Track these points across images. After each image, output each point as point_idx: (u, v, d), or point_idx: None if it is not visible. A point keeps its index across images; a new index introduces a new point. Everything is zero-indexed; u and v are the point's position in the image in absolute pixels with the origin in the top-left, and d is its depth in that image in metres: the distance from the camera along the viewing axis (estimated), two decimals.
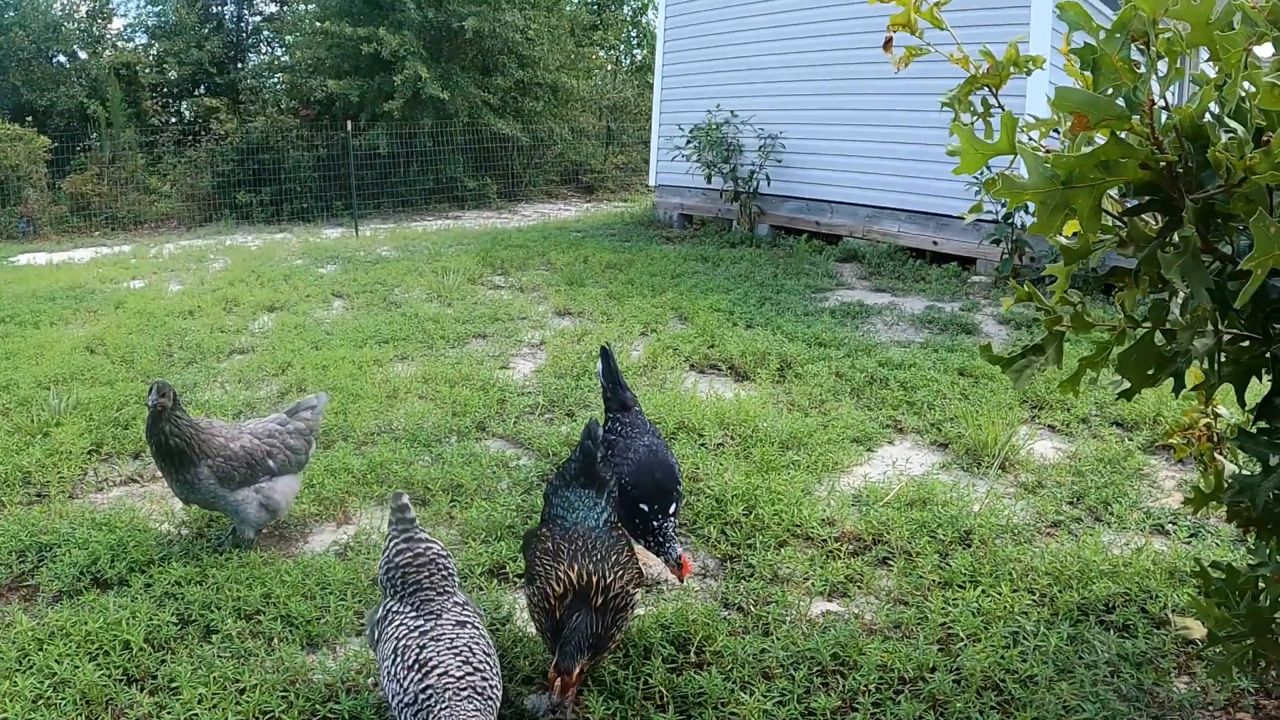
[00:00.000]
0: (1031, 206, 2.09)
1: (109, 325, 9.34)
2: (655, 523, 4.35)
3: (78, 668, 3.74)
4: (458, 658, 3.08)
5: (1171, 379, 2.46)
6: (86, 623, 4.02)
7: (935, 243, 12.20)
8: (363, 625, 4.16)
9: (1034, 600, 4.28)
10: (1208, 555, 4.57)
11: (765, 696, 3.65)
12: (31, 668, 3.78)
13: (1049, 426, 6.52)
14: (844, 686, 3.75)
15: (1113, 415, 6.57)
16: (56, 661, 3.79)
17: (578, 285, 10.97)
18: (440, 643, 3.14)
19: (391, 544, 3.54)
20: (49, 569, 4.57)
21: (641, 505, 4.36)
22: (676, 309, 9.72)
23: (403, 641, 3.16)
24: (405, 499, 3.65)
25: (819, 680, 3.80)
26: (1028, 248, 10.34)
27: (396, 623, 3.27)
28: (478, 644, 3.19)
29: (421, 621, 3.24)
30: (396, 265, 12.33)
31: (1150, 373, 2.43)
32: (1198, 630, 3.96)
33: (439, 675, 3.01)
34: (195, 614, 4.19)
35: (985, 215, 10.09)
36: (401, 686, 3.03)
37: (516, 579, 4.60)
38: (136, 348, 8.42)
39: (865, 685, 3.73)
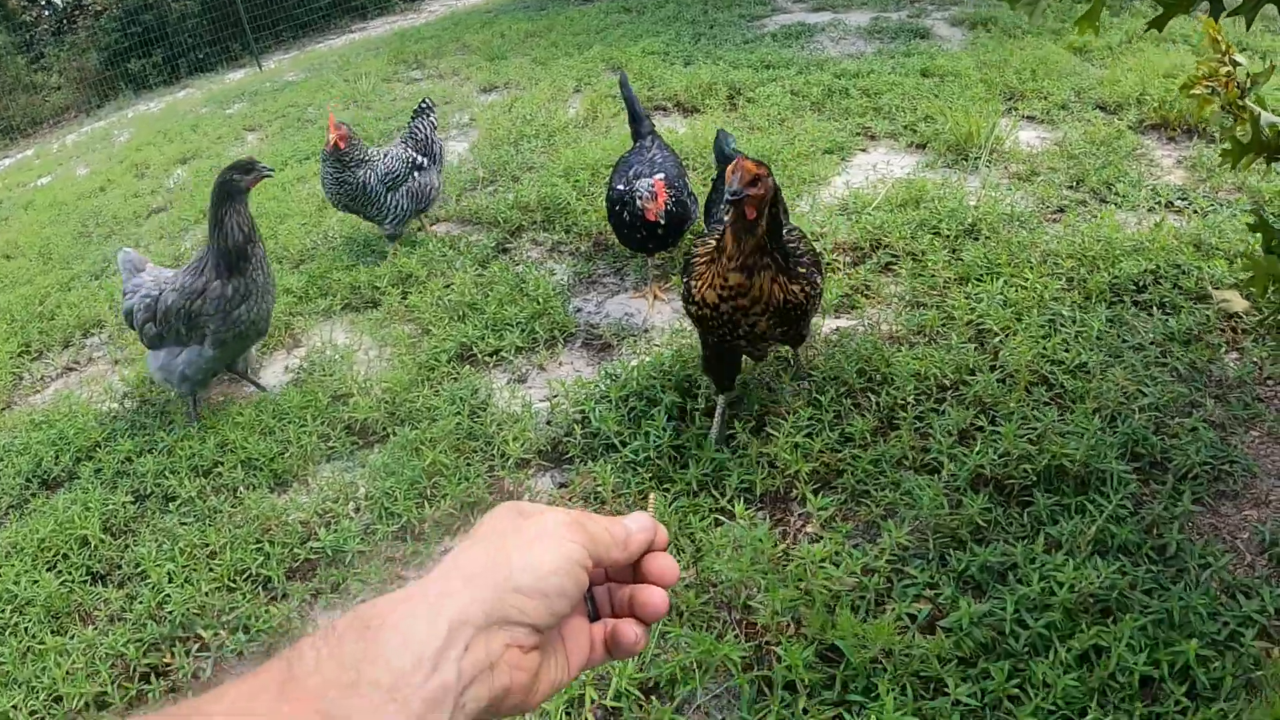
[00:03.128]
0: None
1: (20, 228, 8.62)
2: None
3: (37, 582, 3.33)
4: None
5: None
6: (38, 530, 3.57)
7: None
8: (331, 449, 3.76)
9: (1063, 285, 3.87)
10: (1229, 228, 4.14)
11: (794, 429, 3.23)
12: None
13: (1027, 117, 6.00)
14: (878, 404, 3.35)
15: (1093, 99, 6.04)
16: (14, 583, 3.36)
17: (499, 60, 10.16)
18: None
19: None
20: None
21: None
22: (607, 60, 8.98)
23: None
24: None
25: (849, 402, 3.40)
26: None
27: None
28: None
29: None
30: (306, 85, 11.38)
31: None
32: (1239, 303, 3.64)
33: None
34: (150, 486, 3.76)
35: None
36: None
37: (486, 359, 4.21)
38: (51, 239, 7.78)
39: (902, 399, 3.32)
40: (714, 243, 3.00)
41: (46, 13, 24.04)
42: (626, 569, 0.95)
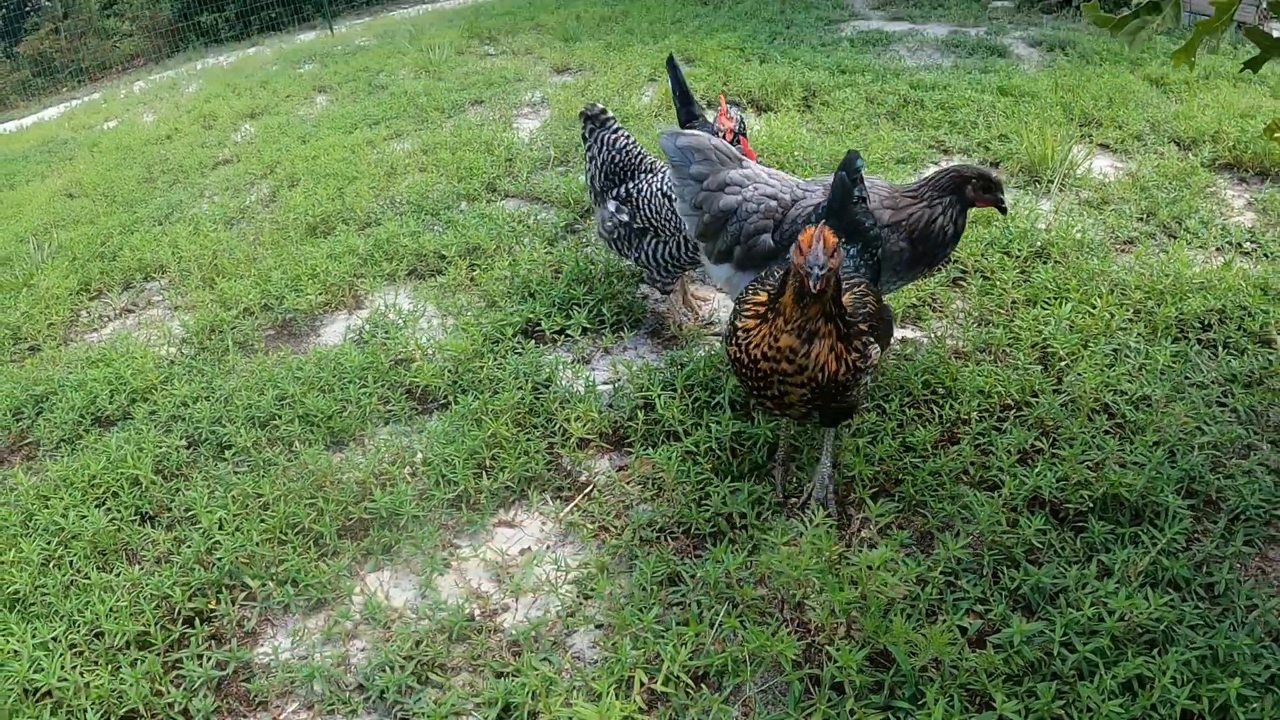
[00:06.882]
0: None
1: (85, 168, 8.71)
2: None
3: (85, 517, 3.31)
4: None
5: None
6: (89, 466, 3.54)
7: None
8: (390, 412, 3.70)
9: (1130, 316, 3.83)
10: None
11: (857, 434, 3.23)
12: (37, 529, 3.33)
13: (1101, 145, 5.88)
14: (942, 416, 3.33)
15: (1169, 132, 5.92)
16: (62, 515, 3.34)
17: (573, 41, 10.15)
18: None
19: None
20: (46, 419, 4.09)
21: None
22: (682, 52, 8.91)
23: None
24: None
25: (913, 412, 3.38)
26: None
27: None
28: None
29: None
30: (378, 51, 11.43)
31: None
32: None
33: None
34: (205, 433, 3.72)
35: None
36: None
37: (554, 337, 4.14)
38: (115, 181, 7.82)
39: (965, 414, 3.32)
40: (766, 295, 2.69)
41: None
42: None
